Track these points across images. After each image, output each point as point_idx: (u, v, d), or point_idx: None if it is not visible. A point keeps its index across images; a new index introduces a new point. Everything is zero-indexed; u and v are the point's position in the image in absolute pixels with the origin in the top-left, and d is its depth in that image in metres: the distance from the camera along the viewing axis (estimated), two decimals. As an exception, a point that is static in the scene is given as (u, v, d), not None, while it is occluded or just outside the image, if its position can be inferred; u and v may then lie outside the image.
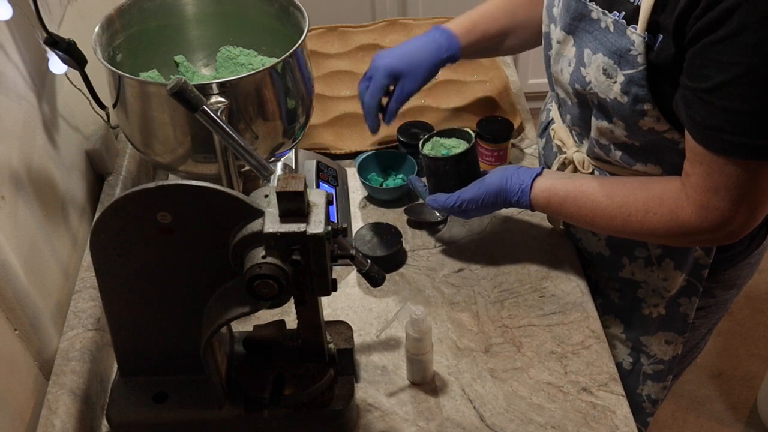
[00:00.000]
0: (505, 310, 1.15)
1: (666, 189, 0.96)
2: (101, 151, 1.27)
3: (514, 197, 1.07)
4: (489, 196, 1.08)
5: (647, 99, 0.92)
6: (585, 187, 1.03)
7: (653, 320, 1.19)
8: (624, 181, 1.01)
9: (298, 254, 0.80)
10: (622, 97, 0.94)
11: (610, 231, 1.04)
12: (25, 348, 0.98)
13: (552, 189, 1.05)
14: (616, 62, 0.93)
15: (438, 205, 1.13)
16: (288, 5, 1.18)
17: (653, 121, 0.94)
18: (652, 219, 0.96)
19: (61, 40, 1.08)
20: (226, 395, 0.95)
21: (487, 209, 1.11)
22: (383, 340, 1.11)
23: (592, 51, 0.96)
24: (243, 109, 1.04)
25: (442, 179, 1.13)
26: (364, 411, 1.02)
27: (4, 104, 0.99)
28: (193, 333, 0.89)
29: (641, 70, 0.90)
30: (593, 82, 0.98)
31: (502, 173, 1.09)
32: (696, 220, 0.92)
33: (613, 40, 0.93)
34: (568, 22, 1.00)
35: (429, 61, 1.19)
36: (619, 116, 0.97)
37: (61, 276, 1.11)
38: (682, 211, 0.93)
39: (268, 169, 0.94)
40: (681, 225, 0.94)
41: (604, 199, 1.00)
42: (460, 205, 1.10)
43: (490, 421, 1.00)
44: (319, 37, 1.70)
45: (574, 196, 1.03)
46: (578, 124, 1.10)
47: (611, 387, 1.04)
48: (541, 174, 1.08)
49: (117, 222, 0.83)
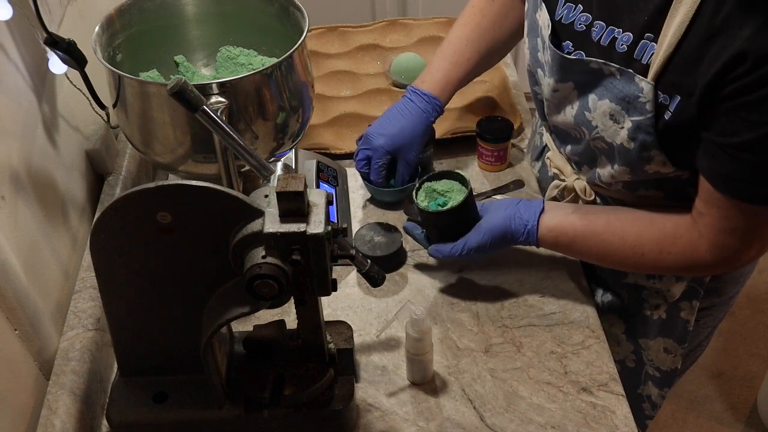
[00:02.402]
0: (505, 310, 1.15)
1: (678, 227, 0.96)
2: (101, 151, 1.27)
3: (521, 237, 1.06)
4: (495, 240, 1.07)
5: (655, 146, 0.91)
6: (594, 225, 1.02)
7: (653, 322, 1.20)
8: (633, 218, 1.01)
9: (298, 254, 0.80)
10: (629, 143, 0.93)
11: (623, 269, 1.04)
12: (25, 348, 0.98)
13: (559, 228, 1.04)
14: (623, 108, 0.92)
15: (442, 255, 1.10)
16: (288, 5, 1.18)
17: (659, 165, 0.94)
18: (667, 258, 0.97)
19: (61, 40, 1.08)
20: (226, 395, 0.95)
21: (494, 251, 1.09)
22: (383, 340, 1.11)
23: (597, 97, 0.95)
24: (243, 109, 1.04)
25: (443, 230, 1.10)
26: (364, 411, 1.02)
27: (4, 104, 0.99)
28: (193, 333, 0.89)
29: (649, 117, 0.89)
30: (600, 126, 0.97)
31: (503, 212, 1.07)
32: (710, 257, 0.93)
33: (621, 86, 0.91)
34: (561, 75, 0.99)
35: (421, 131, 1.22)
36: (624, 162, 0.97)
37: (61, 276, 1.11)
38: (697, 250, 0.94)
39: (268, 169, 0.94)
40: (695, 262, 0.95)
41: (615, 239, 1.00)
42: (467, 254, 1.08)
43: (490, 421, 1.00)
44: (319, 37, 1.70)
45: (583, 235, 1.02)
46: (578, 156, 1.09)
47: (611, 387, 1.04)
48: (545, 210, 1.06)
49: (117, 222, 0.83)
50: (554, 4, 0.99)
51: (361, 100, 1.52)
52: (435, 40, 1.66)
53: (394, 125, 1.22)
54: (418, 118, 1.22)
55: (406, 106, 1.23)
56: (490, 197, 1.33)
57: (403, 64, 1.54)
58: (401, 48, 1.65)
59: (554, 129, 1.13)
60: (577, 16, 0.96)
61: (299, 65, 1.11)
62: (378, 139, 1.21)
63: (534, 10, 1.04)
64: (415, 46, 1.65)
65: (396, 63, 1.55)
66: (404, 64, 1.54)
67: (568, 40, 0.98)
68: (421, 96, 1.22)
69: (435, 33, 1.69)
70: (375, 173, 1.23)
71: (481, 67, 1.27)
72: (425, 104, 1.22)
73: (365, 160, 1.24)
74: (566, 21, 0.98)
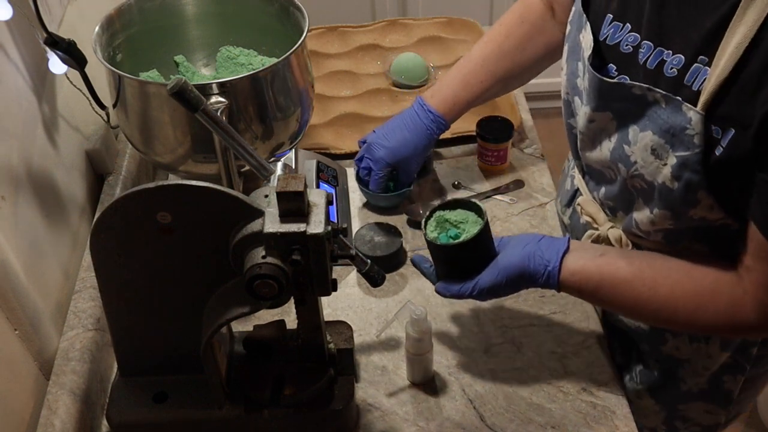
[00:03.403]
0: (505, 310, 1.15)
1: (719, 281, 0.85)
2: (101, 151, 1.27)
3: (540, 279, 0.93)
4: (510, 281, 0.94)
5: (702, 186, 0.80)
6: (623, 272, 0.90)
7: (692, 394, 1.10)
8: (668, 268, 0.89)
9: (298, 254, 0.80)
10: (672, 182, 0.82)
11: (654, 324, 0.96)
12: (25, 348, 0.98)
13: (584, 272, 0.91)
14: (667, 142, 0.81)
15: (451, 294, 0.97)
16: (288, 5, 1.18)
17: (706, 210, 0.83)
18: (703, 316, 0.86)
19: (61, 40, 1.08)
20: (226, 395, 0.95)
21: (509, 293, 0.96)
22: (383, 340, 1.11)
23: (639, 128, 0.84)
24: (243, 109, 1.04)
25: (453, 266, 0.98)
26: (364, 411, 1.02)
27: (4, 104, 0.99)
28: (193, 333, 0.89)
29: (697, 153, 0.78)
30: (639, 162, 0.86)
31: (522, 250, 0.94)
32: (755, 318, 0.83)
33: (666, 116, 0.80)
34: (598, 103, 0.89)
35: (423, 146, 1.22)
36: (665, 204, 0.86)
37: (61, 276, 1.11)
38: (740, 309, 0.84)
39: (268, 169, 0.94)
40: (737, 322, 0.85)
41: (646, 290, 0.88)
42: (478, 295, 0.96)
43: (490, 421, 1.00)
44: (319, 37, 1.70)
45: (610, 283, 0.90)
46: (613, 200, 0.98)
47: (611, 387, 1.04)
48: (570, 251, 0.93)
49: (117, 222, 0.83)
50: (600, 22, 0.90)
51: (361, 100, 1.52)
52: (435, 40, 1.67)
53: (396, 137, 1.21)
54: (421, 133, 1.21)
55: (411, 120, 1.22)
56: (490, 197, 1.33)
57: (403, 64, 1.54)
58: (401, 48, 1.65)
59: (587, 169, 1.02)
60: (624, 36, 0.86)
61: (299, 65, 1.11)
62: (379, 151, 1.21)
63: (578, 30, 0.93)
64: (415, 46, 1.65)
65: (396, 63, 1.55)
66: (404, 64, 1.54)
67: (613, 63, 0.88)
68: (427, 112, 1.21)
69: (435, 33, 1.69)
70: (375, 183, 1.24)
71: (496, 90, 1.22)
72: (430, 121, 1.21)
73: (367, 169, 1.25)
74: (612, 42, 0.88)
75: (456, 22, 1.72)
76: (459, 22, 1.72)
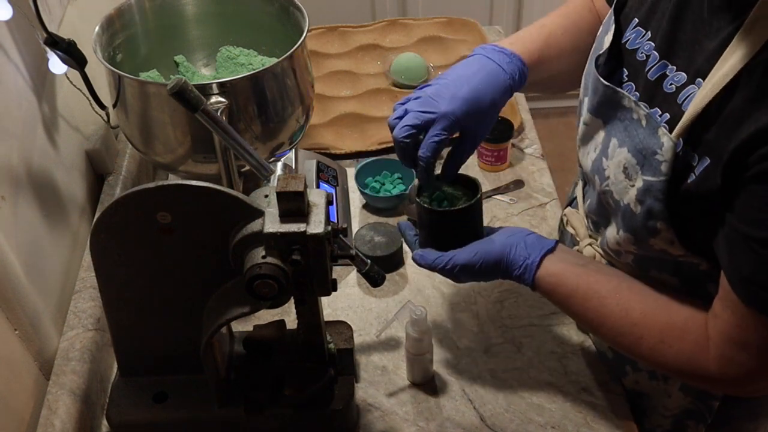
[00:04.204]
0: (505, 310, 1.15)
1: (690, 321, 0.81)
2: (101, 151, 1.27)
3: (516, 271, 0.89)
4: (486, 265, 0.89)
5: (662, 217, 0.77)
6: (600, 287, 0.86)
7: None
8: (646, 294, 0.85)
9: (298, 254, 0.80)
10: (636, 205, 0.80)
11: (614, 345, 0.90)
12: (25, 348, 0.98)
13: (561, 276, 0.88)
14: (639, 162, 0.78)
15: (425, 263, 0.92)
16: (288, 5, 1.18)
17: (665, 242, 0.80)
18: (666, 351, 0.82)
19: (61, 40, 1.08)
20: (226, 395, 0.95)
21: (483, 278, 0.92)
22: (383, 340, 1.11)
23: (618, 143, 0.82)
24: (243, 109, 1.04)
25: (436, 234, 0.94)
26: (364, 411, 1.02)
27: (4, 104, 0.99)
28: (193, 333, 0.89)
29: (662, 181, 0.75)
30: (611, 178, 0.84)
31: (506, 239, 0.90)
32: (716, 369, 0.78)
33: (642, 136, 0.78)
34: (595, 105, 0.87)
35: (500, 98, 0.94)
36: (627, 227, 0.84)
37: (61, 276, 1.11)
38: (702, 356, 0.79)
39: (268, 169, 0.94)
40: (697, 369, 0.80)
41: (617, 310, 0.85)
42: (451, 269, 0.90)
43: (490, 421, 1.00)
44: (319, 37, 1.70)
45: (584, 294, 0.87)
46: (594, 214, 0.97)
47: (611, 387, 1.04)
48: (554, 252, 0.89)
49: (117, 222, 0.83)
50: (626, 24, 0.87)
51: (361, 100, 1.52)
52: (435, 40, 1.67)
53: (467, 85, 0.91)
54: (499, 81, 0.92)
55: (483, 65, 0.93)
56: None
57: (403, 64, 1.54)
58: (401, 48, 1.65)
59: (583, 176, 0.99)
60: (642, 43, 0.84)
61: (299, 65, 1.11)
62: (448, 103, 0.89)
63: (605, 32, 0.90)
64: (415, 46, 1.65)
65: (396, 63, 1.55)
66: (404, 64, 1.54)
67: (626, 68, 0.86)
68: (506, 54, 0.94)
69: (435, 33, 1.69)
70: (429, 148, 0.90)
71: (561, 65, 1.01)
72: (509, 64, 0.94)
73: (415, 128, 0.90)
74: (631, 46, 0.85)
75: (456, 22, 1.72)
76: (459, 22, 1.72)
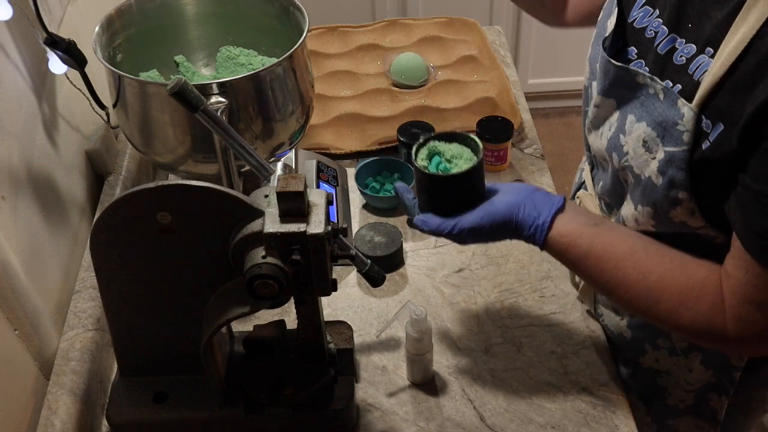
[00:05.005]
0: (505, 310, 1.15)
1: (707, 282, 0.80)
2: (101, 151, 1.27)
3: (526, 231, 0.88)
4: (495, 227, 0.88)
5: (684, 186, 0.78)
6: (615, 248, 0.84)
7: (680, 410, 1.07)
8: (663, 254, 0.83)
9: (298, 254, 0.80)
10: (657, 177, 0.81)
11: (629, 308, 0.88)
12: (25, 348, 0.98)
13: (574, 236, 0.86)
14: (659, 135, 0.80)
15: (429, 229, 0.91)
16: (288, 5, 1.18)
17: (687, 213, 0.81)
18: (684, 315, 0.81)
19: (61, 40, 1.08)
20: (226, 395, 0.95)
21: (492, 240, 0.90)
22: (383, 340, 1.11)
23: (636, 118, 0.84)
24: (243, 109, 1.04)
25: (437, 200, 0.91)
26: (364, 411, 1.02)
27: (4, 104, 0.99)
28: (193, 333, 0.89)
29: (684, 150, 0.77)
30: (630, 153, 0.85)
31: (514, 198, 0.89)
32: (732, 330, 0.78)
33: (661, 109, 0.79)
34: (606, 87, 0.89)
35: None
36: (648, 200, 0.84)
37: (61, 276, 1.11)
38: (718, 316, 0.79)
39: (268, 169, 0.94)
40: (713, 330, 0.80)
41: (635, 273, 0.83)
42: (459, 235, 0.89)
43: (490, 421, 1.00)
44: (319, 37, 1.70)
45: (598, 255, 0.85)
46: (608, 195, 0.97)
47: (611, 387, 1.04)
48: (564, 210, 0.87)
49: (117, 222, 0.83)
50: (632, 4, 0.89)
51: (361, 100, 1.52)
52: (435, 40, 1.67)
53: None
54: None
55: None
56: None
57: (403, 64, 1.54)
58: (401, 48, 1.65)
59: (593, 160, 1.00)
60: (651, 21, 0.85)
61: (299, 65, 1.11)
62: None
63: (607, 16, 0.92)
64: (415, 46, 1.65)
65: (396, 63, 1.55)
66: (404, 64, 1.54)
67: (635, 47, 0.87)
68: None
69: (435, 33, 1.69)
70: None
71: None
72: None
73: None
74: (639, 25, 0.87)
75: (456, 22, 1.72)
76: (459, 22, 1.72)
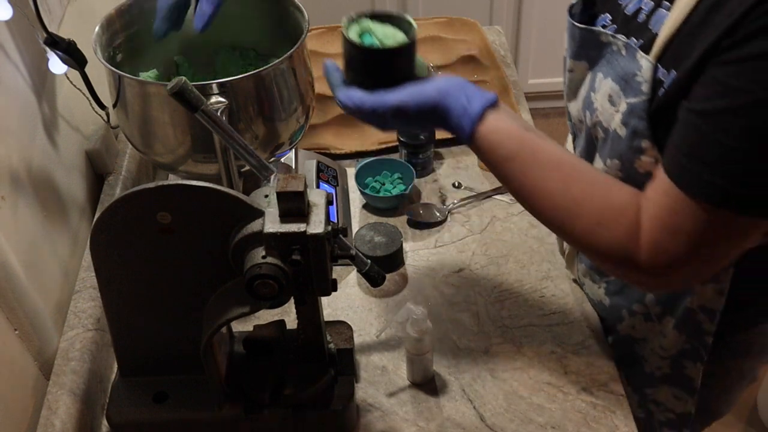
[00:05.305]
0: (505, 310, 1.15)
1: (628, 206, 0.78)
2: (101, 151, 1.27)
3: (454, 120, 0.83)
4: (421, 109, 0.83)
5: (646, 134, 0.80)
6: (543, 156, 0.82)
7: (657, 378, 1.08)
8: (588, 172, 0.82)
9: (298, 254, 0.80)
10: (621, 128, 0.83)
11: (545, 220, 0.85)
12: (25, 348, 0.98)
13: (505, 135, 0.82)
14: (622, 88, 0.82)
15: (351, 103, 0.85)
16: (288, 5, 1.18)
17: (651, 163, 0.82)
18: (601, 235, 0.79)
19: (61, 40, 1.08)
20: (226, 395, 0.95)
21: (417, 125, 0.87)
22: (383, 340, 1.11)
23: (603, 75, 0.87)
24: (243, 109, 1.04)
25: (364, 75, 0.87)
26: (364, 411, 1.02)
27: (4, 104, 0.99)
28: (193, 333, 0.89)
29: (644, 101, 0.79)
30: (599, 109, 0.88)
31: (444, 84, 0.84)
32: (645, 256, 0.77)
33: (624, 63, 0.82)
34: (575, 50, 0.93)
35: None
36: (614, 152, 0.86)
37: (61, 276, 1.11)
38: (633, 242, 0.77)
39: (268, 169, 0.94)
40: (628, 255, 0.78)
41: (559, 183, 0.81)
42: (381, 111, 0.84)
43: (490, 421, 1.00)
44: (319, 37, 1.70)
45: (525, 159, 0.82)
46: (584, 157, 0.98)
47: (611, 387, 1.04)
48: (498, 108, 0.84)
49: (117, 222, 0.83)
50: None
51: (361, 100, 1.52)
52: (435, 40, 1.66)
53: None
54: None
55: None
56: (490, 197, 1.33)
57: (403, 64, 1.54)
58: (401, 48, 1.65)
59: (572, 128, 1.03)
60: None
61: (299, 65, 1.11)
62: None
63: None
64: (415, 46, 1.65)
65: (396, 63, 1.55)
66: (404, 64, 1.54)
67: (608, 12, 0.90)
68: None
69: (435, 33, 1.69)
70: None
71: None
72: None
73: None
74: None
75: (456, 22, 1.72)
76: (459, 22, 1.72)
